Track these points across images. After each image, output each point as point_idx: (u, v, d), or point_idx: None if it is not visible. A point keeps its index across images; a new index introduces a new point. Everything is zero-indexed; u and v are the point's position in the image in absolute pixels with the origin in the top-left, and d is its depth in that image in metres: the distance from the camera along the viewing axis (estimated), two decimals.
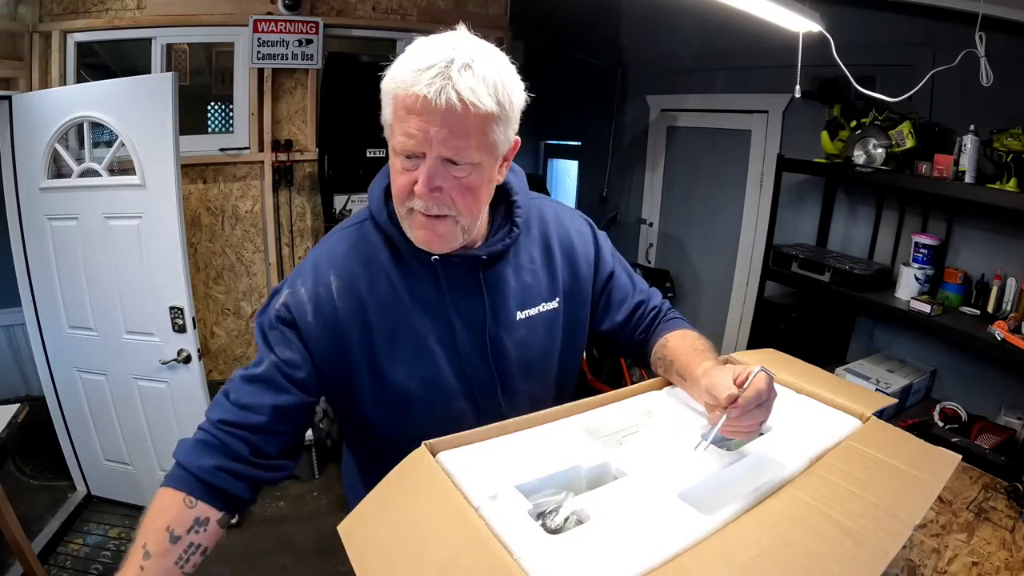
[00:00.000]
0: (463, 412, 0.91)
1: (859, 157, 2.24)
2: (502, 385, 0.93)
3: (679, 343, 0.98)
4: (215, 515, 0.79)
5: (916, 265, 2.16)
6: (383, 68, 0.78)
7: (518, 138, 0.83)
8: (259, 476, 0.83)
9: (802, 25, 1.52)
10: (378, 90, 0.80)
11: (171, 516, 0.76)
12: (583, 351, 1.06)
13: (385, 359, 0.86)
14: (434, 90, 0.70)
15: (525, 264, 0.93)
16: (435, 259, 0.85)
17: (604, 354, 3.31)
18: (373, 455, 0.96)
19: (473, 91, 0.71)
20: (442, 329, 0.88)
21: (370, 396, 0.88)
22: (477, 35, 0.79)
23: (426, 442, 0.77)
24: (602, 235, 1.06)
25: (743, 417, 0.75)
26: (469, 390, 0.91)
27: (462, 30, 0.78)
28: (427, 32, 0.79)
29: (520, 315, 0.92)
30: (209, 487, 0.79)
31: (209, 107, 2.86)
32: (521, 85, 0.80)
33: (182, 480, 0.79)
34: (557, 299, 0.97)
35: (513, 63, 0.80)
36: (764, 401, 0.75)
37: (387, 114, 0.77)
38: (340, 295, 0.85)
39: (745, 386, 0.75)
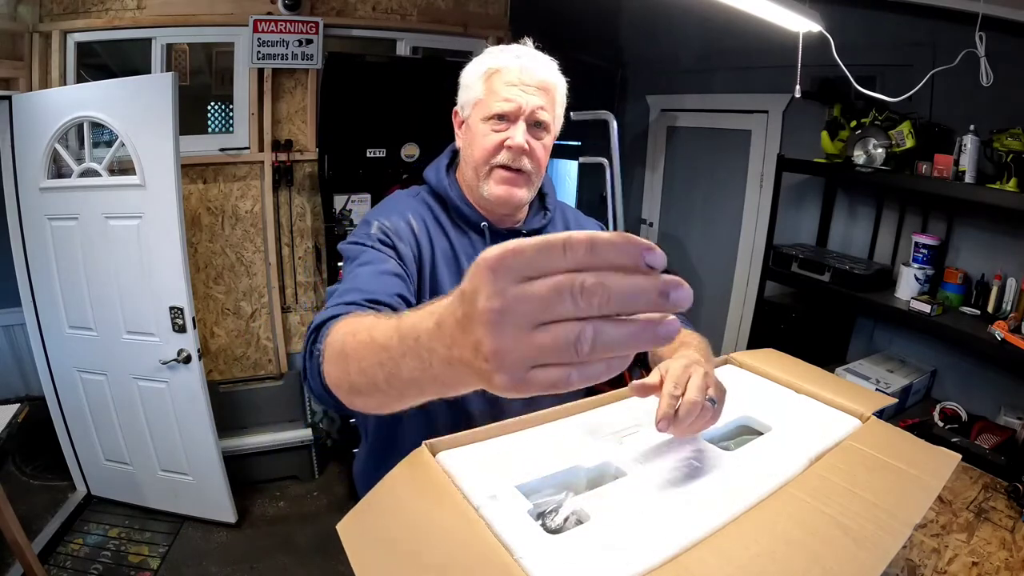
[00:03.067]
0: None
1: (859, 157, 2.24)
2: None
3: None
4: None
5: (916, 265, 2.16)
6: (383, 68, 0.82)
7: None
8: None
9: (802, 25, 1.52)
10: (378, 90, 0.84)
11: (369, 316, 0.69)
12: None
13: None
14: (525, 62, 0.96)
15: None
16: (484, 225, 1.01)
17: None
18: (402, 425, 1.00)
19: (550, 70, 0.99)
20: None
21: None
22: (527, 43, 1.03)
23: (426, 442, 0.77)
24: None
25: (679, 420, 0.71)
26: None
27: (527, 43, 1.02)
28: (427, 32, 0.84)
29: None
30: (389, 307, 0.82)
31: (209, 107, 2.86)
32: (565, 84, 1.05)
33: (356, 309, 0.75)
34: None
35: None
36: (677, 404, 0.71)
37: (477, 90, 0.97)
38: (419, 232, 0.98)
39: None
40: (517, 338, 0.31)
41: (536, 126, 0.97)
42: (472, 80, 0.99)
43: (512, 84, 0.95)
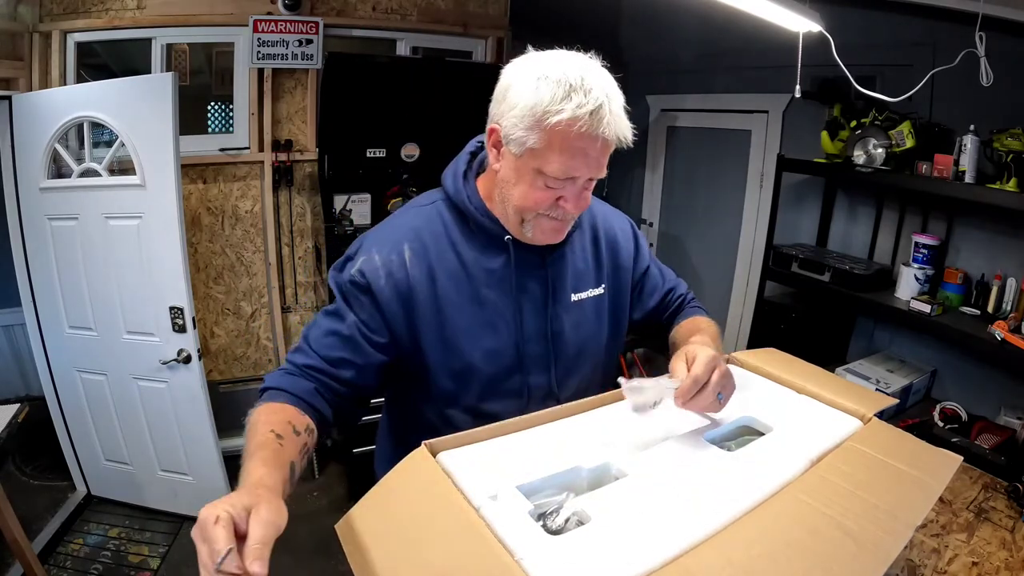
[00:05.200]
0: (518, 387, 0.97)
1: (859, 157, 2.24)
2: (557, 363, 0.99)
3: (686, 328, 1.08)
4: (316, 431, 0.84)
5: (916, 265, 2.16)
6: (383, 68, 0.81)
7: None
8: (343, 410, 0.91)
9: (802, 25, 1.52)
10: (378, 90, 0.83)
11: (289, 416, 0.80)
12: (624, 338, 1.14)
13: (452, 327, 0.93)
14: (610, 132, 0.81)
15: (578, 252, 1.03)
16: (508, 238, 0.94)
17: None
18: (423, 427, 0.99)
19: (626, 130, 0.85)
20: (508, 302, 0.95)
21: (437, 363, 0.94)
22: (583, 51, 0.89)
23: (426, 442, 0.77)
24: (641, 234, 1.17)
25: (693, 399, 0.81)
26: (527, 366, 0.97)
27: (584, 56, 0.87)
28: (427, 32, 0.81)
29: (575, 297, 1.01)
30: (311, 406, 0.85)
31: (209, 107, 2.86)
32: None
33: (286, 399, 0.83)
34: (603, 286, 1.06)
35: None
36: (704, 387, 0.81)
37: (532, 138, 0.82)
38: (412, 264, 0.92)
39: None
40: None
41: (591, 180, 0.88)
42: (528, 118, 0.81)
43: (582, 148, 0.81)
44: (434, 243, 0.94)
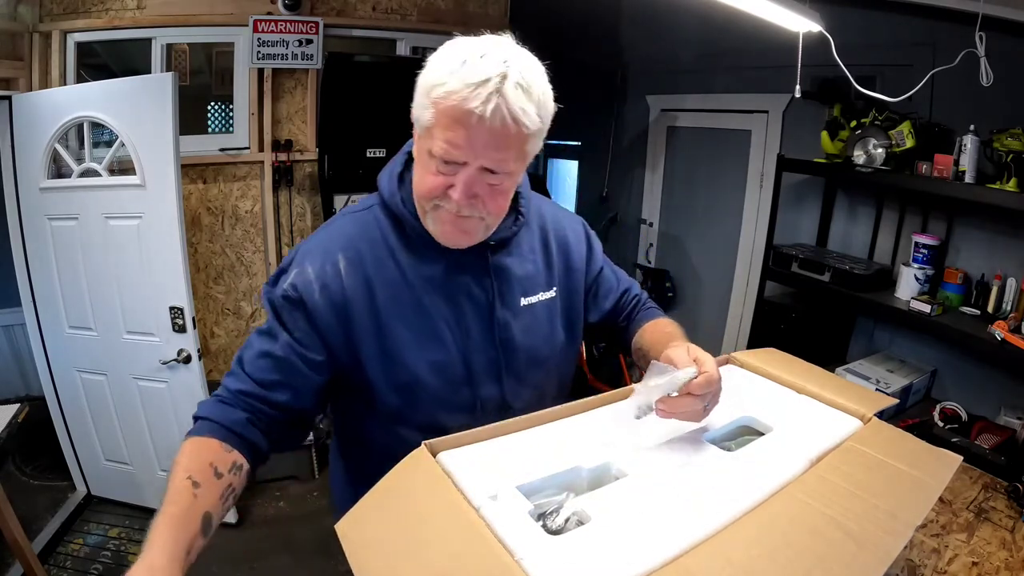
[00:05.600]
0: (468, 400, 0.92)
1: (859, 157, 2.24)
2: (507, 372, 0.94)
3: (653, 332, 1.03)
4: (246, 465, 0.81)
5: (916, 265, 2.16)
6: (383, 68, 0.79)
7: None
8: (281, 435, 0.86)
9: (802, 25, 1.52)
10: (378, 90, 0.82)
11: (212, 456, 0.77)
12: (581, 344, 1.10)
13: (394, 340, 0.87)
14: (490, 109, 0.71)
15: (527, 254, 0.98)
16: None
17: (604, 354, 3.31)
18: (374, 448, 0.96)
19: (525, 112, 0.74)
20: (451, 309, 0.90)
21: (380, 379, 0.88)
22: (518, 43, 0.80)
23: (426, 442, 0.77)
24: (593, 234, 1.11)
25: (691, 399, 0.78)
26: (476, 376, 0.92)
27: (506, 38, 0.79)
28: (427, 32, 0.80)
29: (524, 301, 0.96)
30: (241, 438, 0.80)
31: (209, 107, 2.86)
32: (552, 95, 0.82)
33: (214, 431, 0.80)
34: (554, 289, 1.00)
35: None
36: (712, 389, 0.79)
37: (425, 116, 0.77)
38: (347, 274, 0.86)
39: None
40: None
41: (492, 172, 0.78)
42: (422, 93, 0.78)
43: (461, 125, 0.73)
44: (370, 251, 0.88)
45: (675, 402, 0.79)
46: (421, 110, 0.78)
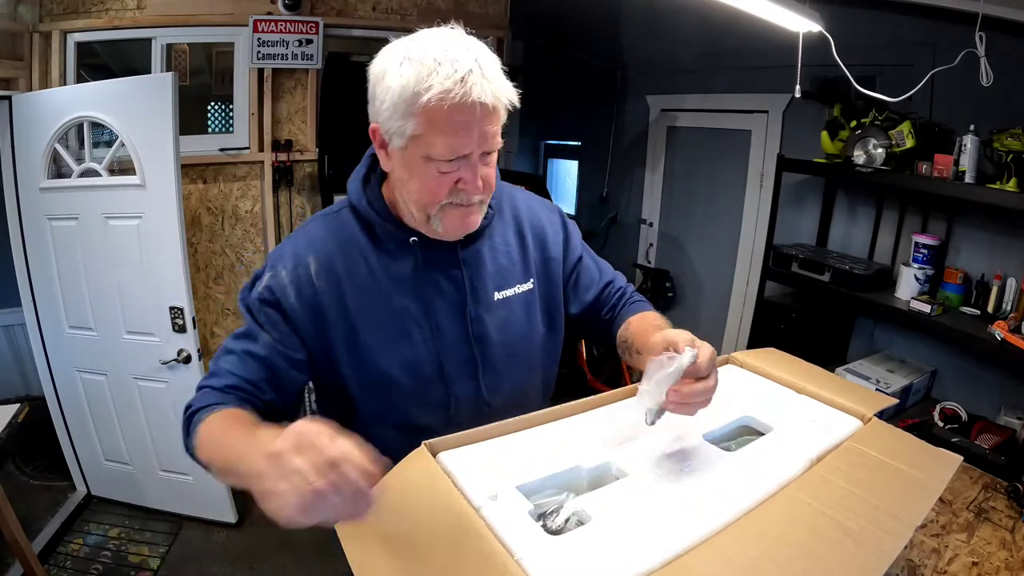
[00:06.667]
0: (442, 398, 0.92)
1: (859, 157, 2.24)
2: (484, 368, 0.93)
3: (638, 324, 1.00)
4: None
5: (916, 265, 2.16)
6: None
7: None
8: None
9: (802, 25, 1.52)
10: None
11: (238, 412, 0.78)
12: (563, 335, 1.08)
13: (365, 341, 0.88)
14: (485, 94, 0.75)
15: (500, 246, 0.97)
16: (414, 240, 0.89)
17: (604, 354, 3.31)
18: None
19: (504, 89, 0.79)
20: (422, 308, 0.90)
21: (354, 379, 0.90)
22: (471, 33, 0.83)
23: (426, 442, 0.77)
24: (571, 223, 1.10)
25: (691, 389, 0.75)
26: (450, 374, 0.92)
27: (446, 28, 0.83)
28: None
29: (498, 295, 0.95)
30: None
31: (209, 107, 2.86)
32: None
33: (226, 404, 0.80)
34: (531, 280, 1.00)
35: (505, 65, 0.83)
36: (709, 374, 0.76)
37: (409, 127, 0.78)
38: (319, 276, 0.87)
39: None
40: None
41: (487, 154, 0.82)
42: (400, 105, 0.78)
43: (461, 121, 0.76)
44: (340, 252, 0.89)
45: (688, 392, 0.75)
46: (400, 122, 0.79)
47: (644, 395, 0.77)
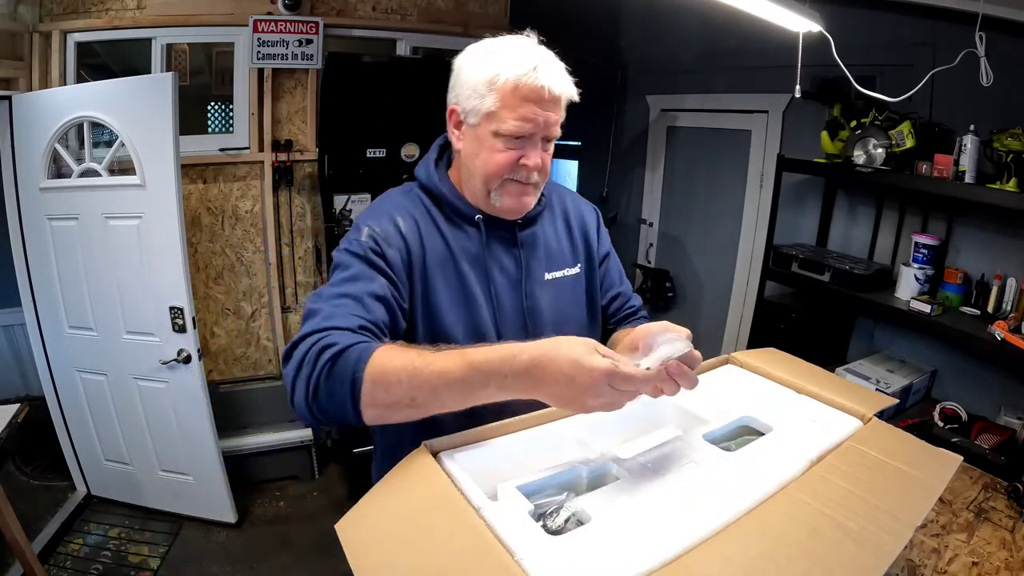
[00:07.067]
0: None
1: (859, 157, 2.24)
2: (535, 340, 0.94)
3: (635, 328, 1.01)
4: None
5: (916, 265, 2.16)
6: (383, 68, 0.81)
7: None
8: None
9: (802, 25, 1.52)
10: (379, 90, 0.84)
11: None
12: (599, 326, 1.14)
13: (436, 299, 0.96)
14: (553, 82, 0.90)
15: (550, 233, 1.08)
16: (479, 217, 1.00)
17: None
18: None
19: (567, 84, 0.93)
20: (484, 278, 0.99)
21: (423, 333, 0.96)
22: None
23: (426, 442, 0.77)
24: (604, 227, 1.20)
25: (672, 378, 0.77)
26: (506, 341, 0.93)
27: (523, 35, 0.95)
28: (427, 32, 0.82)
29: (548, 276, 1.05)
30: None
31: (209, 107, 2.86)
32: None
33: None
34: (579, 265, 1.11)
35: None
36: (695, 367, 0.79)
37: (487, 103, 0.91)
38: (407, 235, 0.96)
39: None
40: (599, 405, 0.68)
41: (547, 140, 0.95)
42: (480, 86, 0.91)
43: (530, 101, 0.89)
44: (422, 219, 0.99)
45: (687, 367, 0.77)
46: (479, 99, 0.91)
47: (646, 360, 0.76)
